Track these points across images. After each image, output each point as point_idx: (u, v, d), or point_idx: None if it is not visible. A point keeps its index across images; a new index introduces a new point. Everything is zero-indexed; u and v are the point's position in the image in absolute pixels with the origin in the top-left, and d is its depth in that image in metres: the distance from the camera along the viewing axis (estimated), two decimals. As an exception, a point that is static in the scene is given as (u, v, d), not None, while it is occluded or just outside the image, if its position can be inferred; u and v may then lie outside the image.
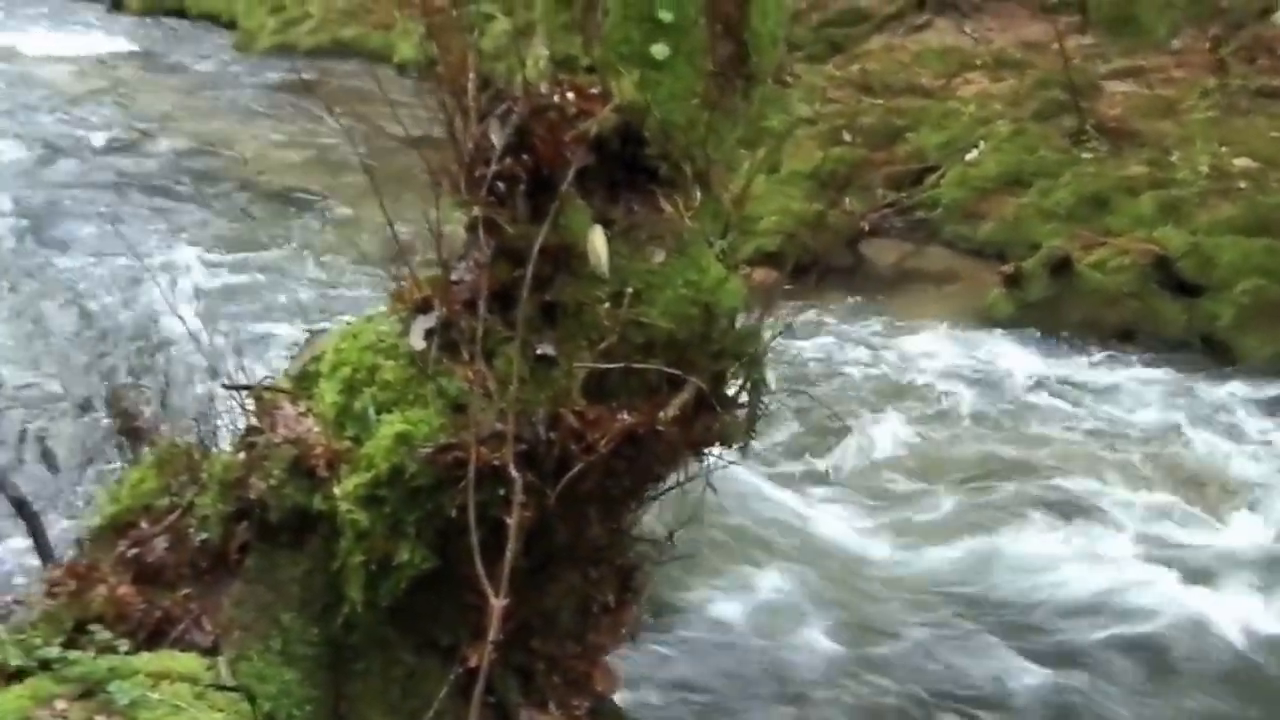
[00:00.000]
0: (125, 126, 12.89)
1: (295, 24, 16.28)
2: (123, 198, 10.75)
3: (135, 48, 16.30)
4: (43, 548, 5.45)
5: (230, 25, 17.10)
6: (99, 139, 12.44)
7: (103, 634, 3.47)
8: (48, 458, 6.61)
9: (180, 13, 18.12)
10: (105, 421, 6.66)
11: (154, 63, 15.64)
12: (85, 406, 7.04)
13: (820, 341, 7.65)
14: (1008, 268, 8.49)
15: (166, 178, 11.38)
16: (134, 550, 3.85)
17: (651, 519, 4.30)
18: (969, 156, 9.75)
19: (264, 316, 7.91)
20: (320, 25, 16.11)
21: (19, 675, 3.25)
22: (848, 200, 9.01)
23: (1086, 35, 11.54)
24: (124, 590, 3.69)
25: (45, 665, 3.24)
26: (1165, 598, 5.55)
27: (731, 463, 4.18)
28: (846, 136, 10.08)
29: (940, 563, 5.86)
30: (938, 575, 5.78)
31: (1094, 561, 5.86)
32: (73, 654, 3.28)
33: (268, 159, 11.84)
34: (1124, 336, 8.10)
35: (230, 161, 11.83)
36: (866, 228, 8.96)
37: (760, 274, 4.76)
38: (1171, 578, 5.68)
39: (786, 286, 4.39)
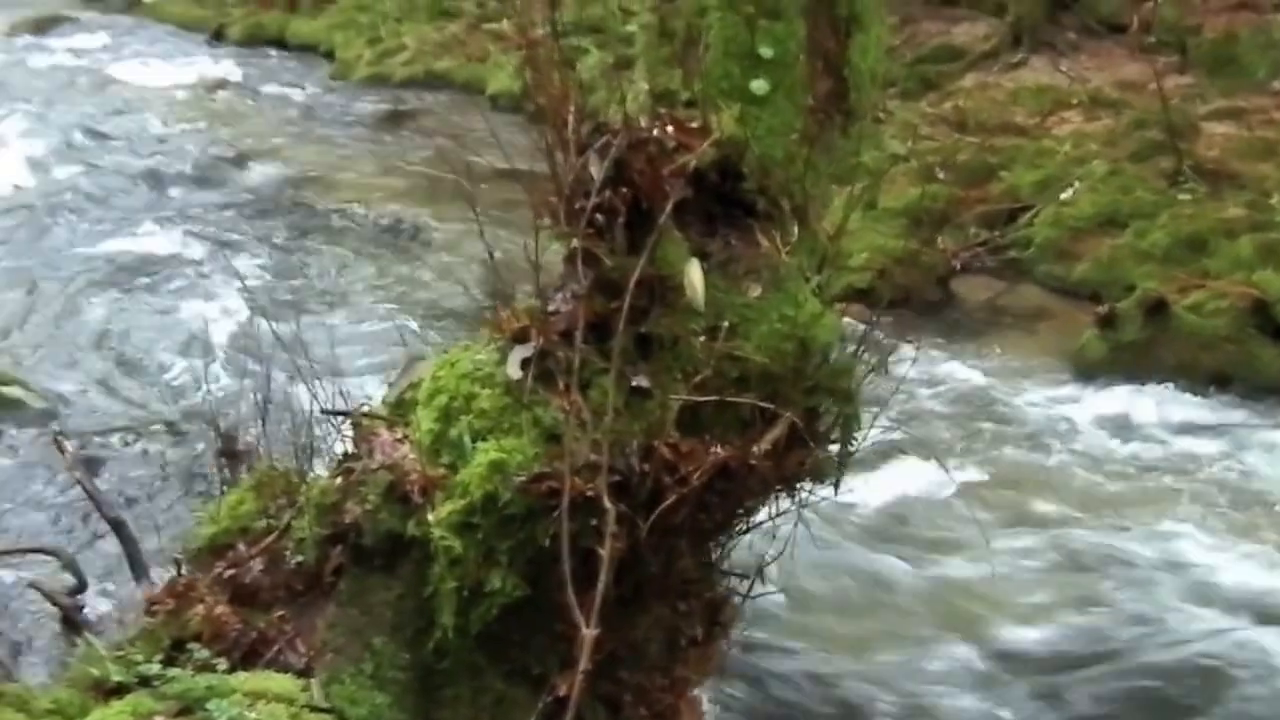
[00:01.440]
0: (224, 154, 13.09)
1: (390, 55, 16.45)
2: (221, 223, 10.92)
3: (235, 77, 16.55)
4: (137, 566, 5.55)
5: (328, 55, 17.31)
6: (198, 166, 12.64)
7: (201, 652, 3.52)
8: (144, 478, 6.72)
9: (280, 43, 18.36)
10: (201, 443, 6.76)
11: (253, 91, 15.88)
12: (182, 428, 7.15)
13: (910, 379, 7.58)
14: (1102, 309, 8.38)
15: (264, 204, 11.55)
16: (231, 571, 3.91)
17: (742, 553, 4.30)
18: (1064, 196, 9.67)
19: (360, 343, 8.00)
20: (415, 57, 16.27)
21: (119, 691, 3.31)
22: (941, 238, 8.95)
23: (1185, 75, 11.42)
24: (221, 610, 3.75)
25: (145, 682, 3.30)
26: (1257, 649, 5.46)
27: (823, 498, 4.17)
28: (939, 174, 10.03)
29: (1027, 608, 5.80)
30: (1025, 621, 5.73)
31: (1185, 610, 5.78)
32: (172, 671, 3.34)
33: (364, 187, 11.97)
34: (1220, 381, 7.97)
35: (327, 189, 11.98)
36: (958, 265, 8.89)
37: (854, 310, 4.74)
38: (1263, 627, 5.60)
39: (878, 323, 4.39)
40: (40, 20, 19.45)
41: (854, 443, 4.08)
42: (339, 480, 3.85)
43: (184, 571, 4.07)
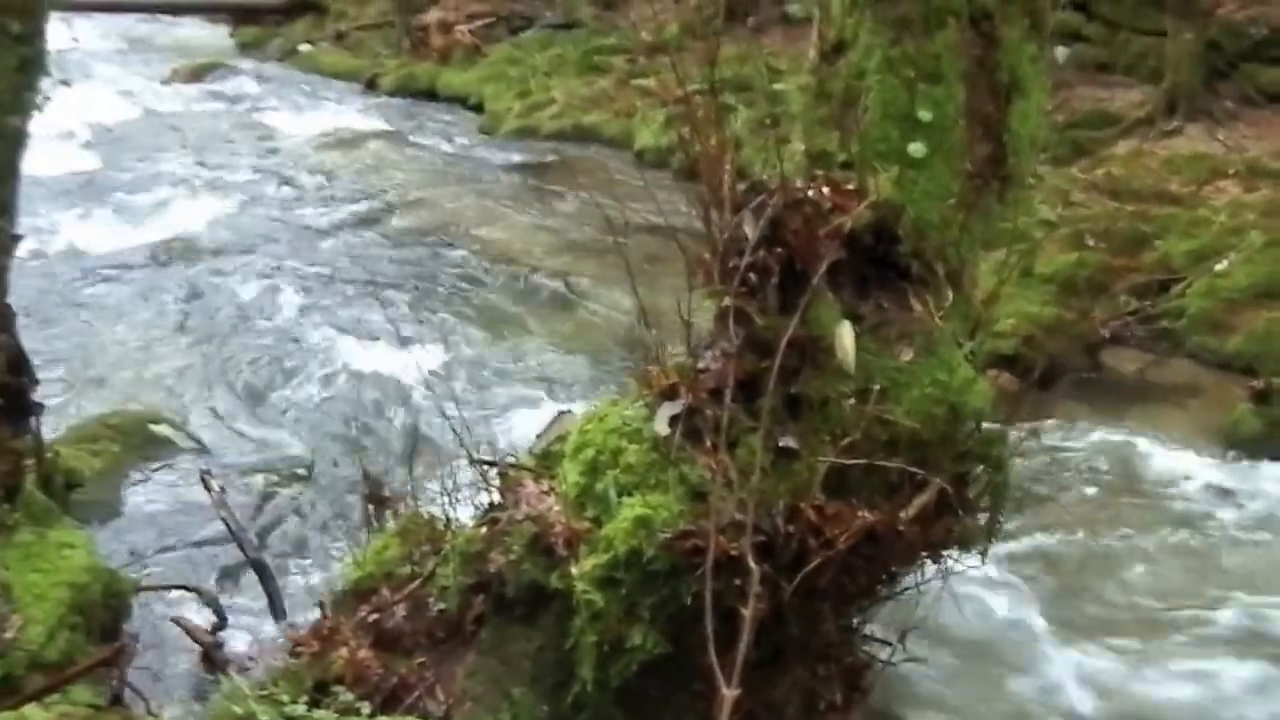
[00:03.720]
0: (374, 202, 13.30)
1: (539, 108, 16.64)
2: (369, 271, 11.07)
3: (386, 126, 16.85)
4: (276, 608, 5.64)
5: (477, 108, 17.55)
6: (348, 214, 12.85)
7: (345, 695, 3.56)
8: (287, 520, 6.81)
9: (431, 94, 18.66)
10: (344, 488, 6.84)
11: (403, 140, 16.14)
12: (326, 472, 7.24)
13: (1056, 449, 7.47)
14: (1257, 383, 8.17)
15: (412, 252, 11.70)
16: (374, 616, 3.96)
17: (884, 619, 4.24)
18: (1218, 267, 9.46)
19: (508, 395, 8.05)
20: (563, 111, 16.43)
21: (262, 730, 3.35)
22: (1097, 309, 8.81)
23: (1348, 147, 11.18)
24: (364, 654, 3.79)
25: (289, 722, 3.33)
26: None
27: (970, 567, 4.11)
28: (1089, 241, 9.88)
29: (1178, 690, 5.65)
30: (1175, 703, 5.58)
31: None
32: (318, 713, 3.37)
33: (511, 238, 12.07)
34: (1380, 459, 7.74)
35: (475, 239, 12.10)
36: (1108, 335, 8.74)
37: (1004, 379, 4.69)
38: None
39: (1027, 392, 4.33)
40: (197, 68, 19.98)
41: (1003, 512, 4.01)
42: (484, 529, 3.89)
43: (328, 614, 4.12)
